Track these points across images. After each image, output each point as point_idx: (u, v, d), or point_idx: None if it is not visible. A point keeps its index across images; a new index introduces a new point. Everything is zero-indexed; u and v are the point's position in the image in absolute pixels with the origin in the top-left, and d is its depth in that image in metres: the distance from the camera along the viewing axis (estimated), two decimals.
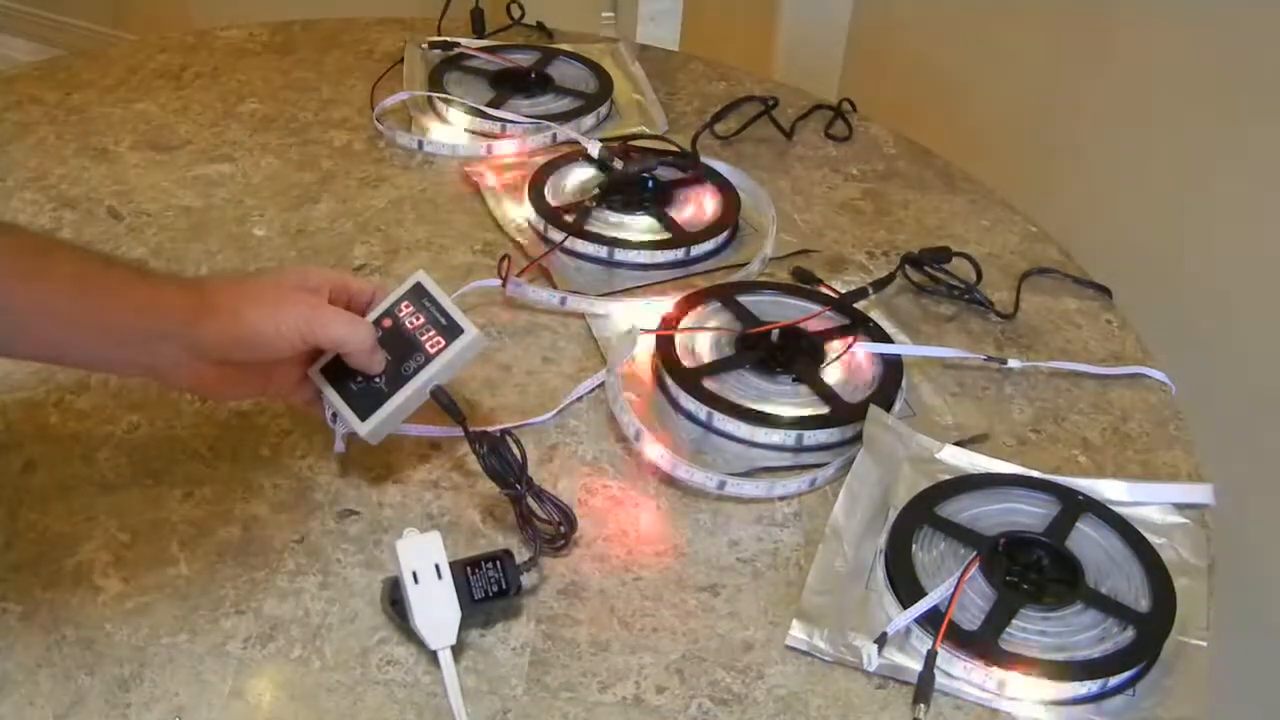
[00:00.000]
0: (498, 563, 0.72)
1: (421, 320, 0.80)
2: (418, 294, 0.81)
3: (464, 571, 0.71)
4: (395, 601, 0.71)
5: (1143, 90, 1.31)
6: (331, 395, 0.79)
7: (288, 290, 0.76)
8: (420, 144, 1.17)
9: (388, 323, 0.80)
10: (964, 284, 1.01)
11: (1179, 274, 1.27)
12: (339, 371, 0.79)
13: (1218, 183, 1.23)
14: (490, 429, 0.78)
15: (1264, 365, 1.19)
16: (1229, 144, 1.22)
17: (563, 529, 0.77)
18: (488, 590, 0.71)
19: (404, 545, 0.71)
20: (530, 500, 0.77)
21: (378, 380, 0.79)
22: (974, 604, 0.73)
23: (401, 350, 0.79)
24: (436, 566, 0.70)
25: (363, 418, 0.78)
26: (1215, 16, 1.21)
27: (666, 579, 0.77)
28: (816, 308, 0.95)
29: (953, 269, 1.02)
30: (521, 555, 0.74)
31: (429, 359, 0.78)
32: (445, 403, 0.78)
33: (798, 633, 0.73)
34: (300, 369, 0.80)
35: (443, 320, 0.79)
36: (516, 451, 0.77)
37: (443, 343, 0.79)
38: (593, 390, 0.90)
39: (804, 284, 1.01)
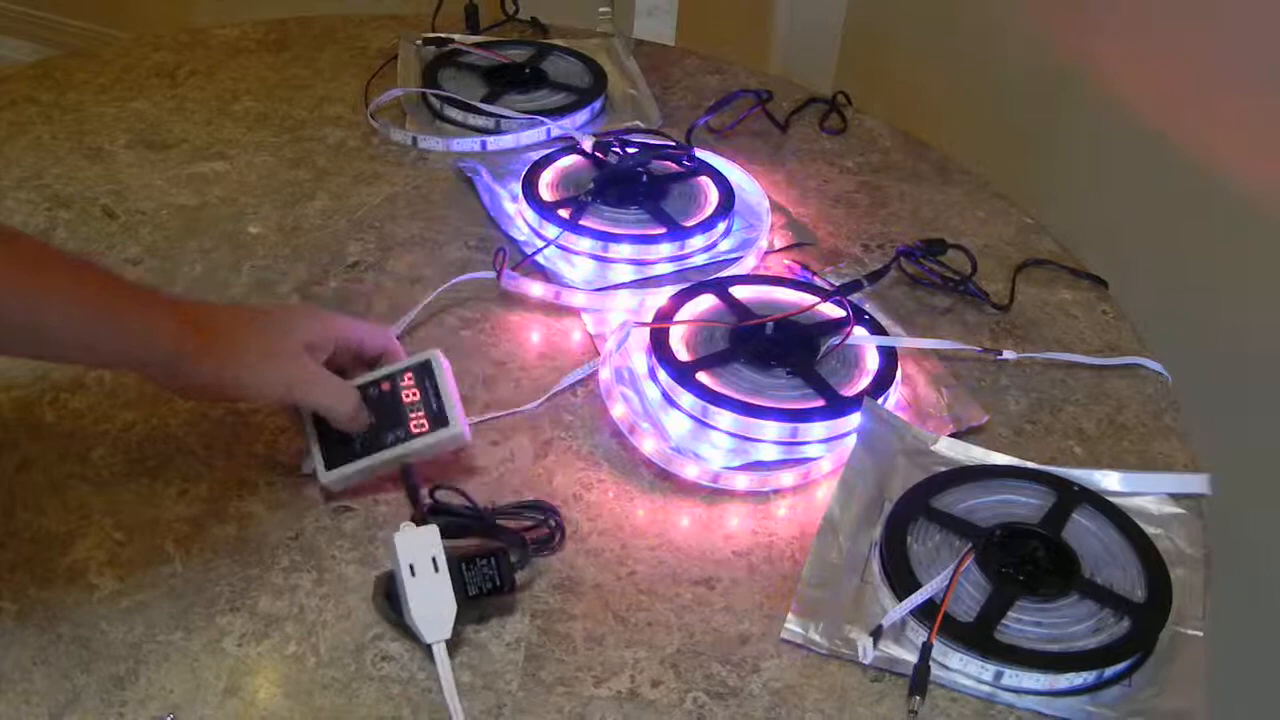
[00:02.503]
0: (492, 559, 0.72)
1: (416, 397, 0.80)
2: (424, 370, 0.81)
3: (458, 567, 0.71)
4: (390, 596, 0.71)
5: (1139, 80, 1.31)
6: (310, 429, 0.80)
7: (287, 345, 0.76)
8: (414, 140, 1.17)
9: (385, 386, 0.81)
10: (958, 275, 1.01)
11: (1174, 264, 1.27)
12: (320, 421, 0.80)
13: (1212, 173, 1.22)
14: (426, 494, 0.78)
15: (1259, 354, 1.19)
16: (1225, 134, 1.22)
17: (551, 522, 0.77)
18: (482, 587, 0.71)
19: (402, 538, 0.71)
20: (500, 522, 0.77)
21: (354, 437, 0.79)
22: (969, 596, 0.73)
23: (388, 417, 0.79)
24: (434, 560, 0.70)
25: (329, 466, 0.79)
26: (1215, 8, 1.21)
27: (661, 573, 0.77)
28: (811, 300, 0.95)
29: (948, 260, 1.02)
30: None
31: (409, 437, 0.79)
32: (409, 484, 0.78)
33: (793, 626, 0.73)
34: None
35: (434, 405, 0.80)
36: (464, 500, 0.77)
37: (426, 427, 0.79)
38: (584, 380, 0.90)
39: (800, 276, 1.01)
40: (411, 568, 0.70)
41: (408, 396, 0.80)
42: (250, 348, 0.75)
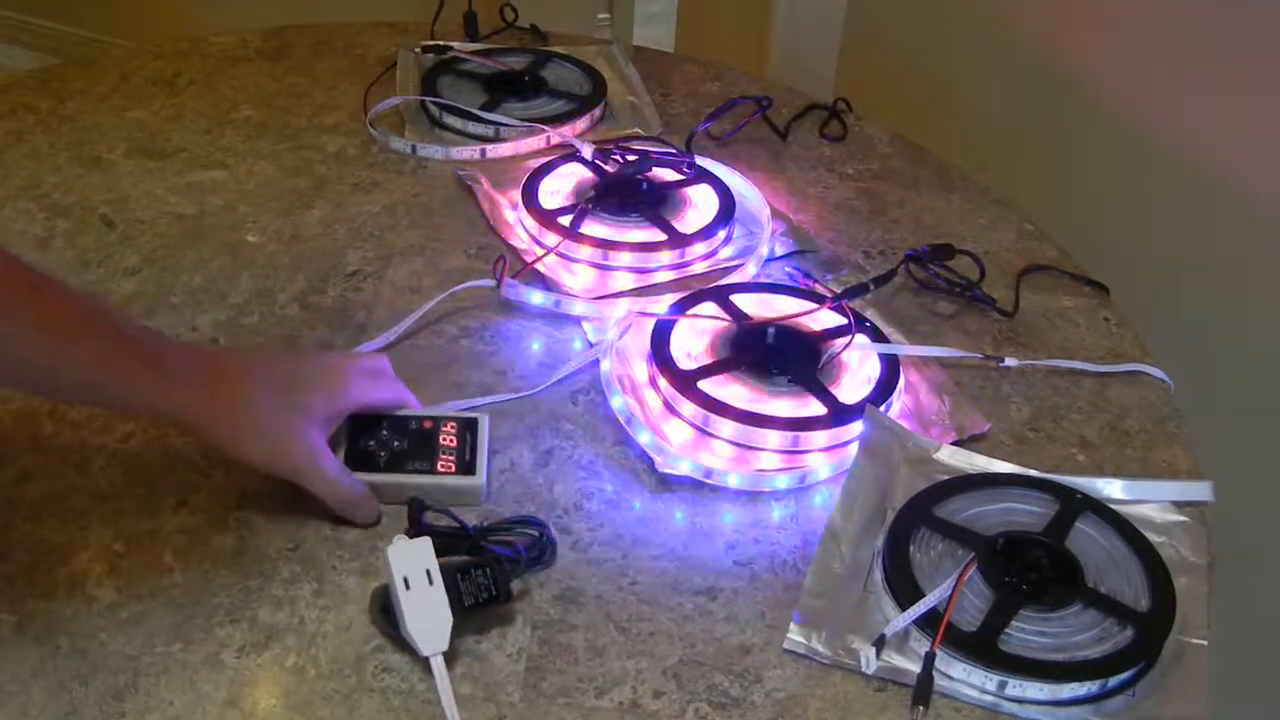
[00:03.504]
0: (487, 570, 0.72)
1: (452, 444, 0.82)
2: (469, 425, 0.83)
3: (453, 579, 0.71)
4: (386, 610, 0.71)
5: (1137, 84, 1.30)
6: (344, 427, 0.81)
7: (301, 422, 0.76)
8: (413, 148, 1.17)
9: (428, 424, 0.82)
10: (964, 280, 1.01)
11: (1176, 270, 1.27)
12: (356, 423, 0.81)
13: (1214, 178, 1.22)
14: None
15: (1263, 360, 1.18)
16: (1224, 138, 1.22)
17: (542, 537, 0.77)
18: (478, 597, 0.71)
19: (395, 551, 0.71)
20: (493, 537, 0.76)
21: (382, 452, 0.80)
22: (973, 605, 0.73)
23: (418, 450, 0.81)
24: (428, 572, 0.70)
25: (351, 468, 0.79)
26: (1215, 10, 1.21)
27: (663, 583, 0.76)
28: (813, 307, 0.94)
29: (952, 266, 1.02)
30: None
31: (431, 473, 0.80)
32: (414, 514, 0.77)
33: (796, 636, 0.73)
34: None
35: (467, 456, 0.81)
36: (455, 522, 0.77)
37: (452, 469, 0.80)
38: (584, 389, 0.90)
39: (802, 284, 1.01)
40: (406, 580, 0.70)
41: (444, 440, 0.82)
42: (264, 424, 0.75)
